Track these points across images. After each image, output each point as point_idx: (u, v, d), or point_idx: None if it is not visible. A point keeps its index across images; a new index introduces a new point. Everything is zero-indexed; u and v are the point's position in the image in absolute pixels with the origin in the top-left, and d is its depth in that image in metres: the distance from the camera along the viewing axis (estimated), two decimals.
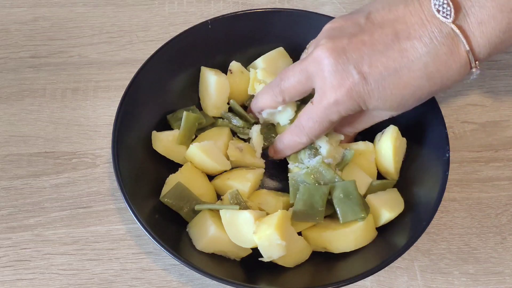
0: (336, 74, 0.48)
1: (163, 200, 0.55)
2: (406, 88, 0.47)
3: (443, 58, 0.46)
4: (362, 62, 0.47)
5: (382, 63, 0.47)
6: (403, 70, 0.46)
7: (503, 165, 0.63)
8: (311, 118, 0.52)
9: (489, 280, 0.56)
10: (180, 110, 0.61)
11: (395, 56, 0.46)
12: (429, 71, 0.46)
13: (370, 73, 0.47)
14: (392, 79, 0.47)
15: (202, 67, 0.63)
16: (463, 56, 0.46)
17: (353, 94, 0.48)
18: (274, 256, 0.51)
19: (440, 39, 0.45)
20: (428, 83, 0.47)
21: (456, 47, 0.45)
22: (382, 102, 0.49)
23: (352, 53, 0.47)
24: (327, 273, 0.53)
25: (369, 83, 0.47)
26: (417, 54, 0.46)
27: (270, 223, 0.50)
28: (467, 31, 0.45)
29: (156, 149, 0.58)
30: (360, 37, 0.48)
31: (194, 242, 0.54)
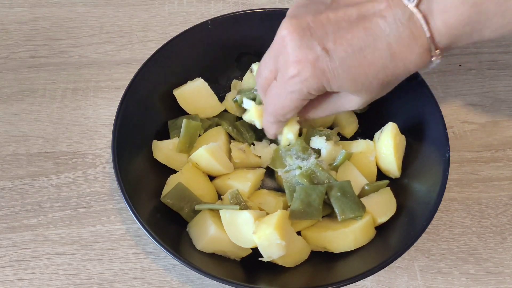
0: (299, 49, 0.47)
1: (164, 201, 0.55)
2: (370, 67, 0.47)
3: (405, 41, 0.46)
4: (327, 39, 0.46)
5: (346, 40, 0.46)
6: (368, 48, 0.46)
7: (503, 165, 0.63)
8: (275, 95, 0.51)
9: (489, 280, 0.56)
10: (181, 118, 0.61)
11: (360, 34, 0.46)
12: (392, 51, 0.46)
13: (335, 50, 0.46)
14: (356, 57, 0.46)
15: (174, 90, 0.62)
16: (424, 41, 0.46)
17: (316, 70, 0.47)
18: (274, 256, 0.51)
19: (403, 21, 0.45)
20: (391, 64, 0.46)
21: (418, 31, 0.45)
22: (346, 81, 0.48)
23: (316, 30, 0.47)
24: (327, 273, 0.53)
25: (333, 60, 0.46)
26: (381, 33, 0.46)
27: (270, 222, 0.50)
28: (429, 17, 0.45)
29: (157, 157, 0.58)
30: (325, 14, 0.47)
31: (194, 242, 0.54)
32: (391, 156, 0.56)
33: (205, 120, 0.62)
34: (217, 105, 0.63)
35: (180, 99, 0.61)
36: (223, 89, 0.66)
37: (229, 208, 0.52)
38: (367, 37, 0.46)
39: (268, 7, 0.75)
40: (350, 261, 0.53)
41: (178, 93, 0.61)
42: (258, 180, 0.59)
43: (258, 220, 0.51)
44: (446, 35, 0.46)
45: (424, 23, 0.45)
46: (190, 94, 0.62)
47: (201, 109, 0.62)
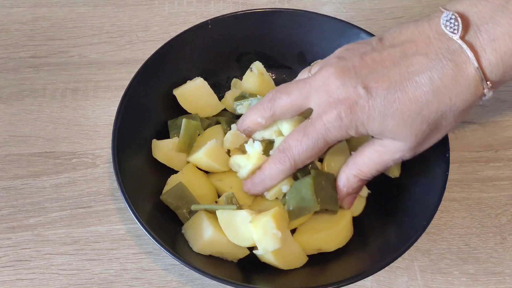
0: (342, 88, 0.47)
1: (163, 198, 0.55)
2: (411, 103, 0.45)
3: (449, 74, 0.44)
4: (370, 78, 0.46)
5: (388, 78, 0.46)
6: (409, 84, 0.45)
7: (503, 165, 0.63)
8: (306, 135, 0.49)
9: (489, 280, 0.56)
10: (181, 118, 0.60)
11: (402, 71, 0.45)
12: (436, 86, 0.44)
13: (376, 88, 0.46)
14: (397, 93, 0.45)
15: (174, 90, 0.62)
16: (471, 73, 0.44)
17: (356, 108, 0.46)
18: (269, 248, 0.50)
19: (446, 55, 0.44)
20: (435, 99, 0.45)
21: (464, 64, 0.44)
22: (386, 119, 0.46)
23: (360, 70, 0.47)
24: (327, 273, 0.53)
25: (373, 97, 0.46)
26: (423, 69, 0.45)
27: (267, 213, 0.50)
28: (477, 47, 0.44)
29: (156, 157, 0.58)
30: (370, 55, 0.47)
31: (190, 244, 0.53)
32: None
33: (204, 120, 0.62)
34: (217, 104, 0.63)
35: (180, 98, 0.61)
36: (223, 89, 0.66)
37: (226, 208, 0.52)
38: (409, 74, 0.45)
39: (268, 7, 0.75)
40: (349, 261, 0.53)
41: (178, 93, 0.61)
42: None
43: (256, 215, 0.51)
44: (498, 64, 0.44)
45: (470, 54, 0.44)
46: (190, 94, 0.62)
47: (201, 108, 0.62)
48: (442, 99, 0.45)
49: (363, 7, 0.76)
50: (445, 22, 0.45)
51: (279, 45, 0.65)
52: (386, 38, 0.48)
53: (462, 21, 0.44)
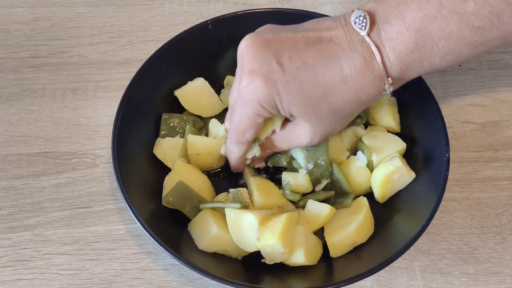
0: (255, 60, 0.48)
1: (166, 201, 0.55)
2: (319, 86, 0.47)
3: (358, 66, 0.47)
4: (283, 54, 0.48)
5: (301, 58, 0.47)
6: (320, 68, 0.47)
7: (503, 165, 0.63)
8: (234, 111, 0.52)
9: (489, 280, 0.56)
10: (176, 116, 0.60)
11: (315, 54, 0.47)
12: (344, 75, 0.47)
13: (288, 65, 0.47)
14: (308, 74, 0.47)
15: (175, 91, 0.62)
16: (376, 68, 0.47)
17: (269, 81, 0.47)
18: (276, 260, 0.52)
19: (357, 48, 0.47)
20: (342, 87, 0.48)
21: (371, 58, 0.47)
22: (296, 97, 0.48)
23: (273, 45, 0.48)
24: (327, 273, 0.53)
25: (286, 74, 0.47)
26: (335, 57, 0.47)
27: (274, 231, 0.50)
28: (379, 45, 0.47)
29: (155, 153, 0.59)
30: (284, 33, 0.49)
31: (195, 241, 0.54)
32: (377, 186, 0.56)
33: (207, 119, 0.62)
34: (218, 104, 0.63)
35: (182, 99, 0.61)
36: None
37: (231, 206, 0.52)
38: (321, 58, 0.47)
39: (268, 7, 0.75)
40: (350, 261, 0.53)
41: (179, 93, 0.61)
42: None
43: (263, 224, 0.51)
44: (396, 62, 0.47)
45: (375, 49, 0.47)
46: (191, 94, 0.62)
47: (203, 108, 0.62)
48: (348, 88, 0.48)
49: None
50: (355, 19, 0.48)
51: None
52: (304, 25, 0.50)
53: (369, 19, 0.47)
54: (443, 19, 0.45)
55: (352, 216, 0.54)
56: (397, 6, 0.47)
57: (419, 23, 0.46)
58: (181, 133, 0.60)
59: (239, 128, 0.52)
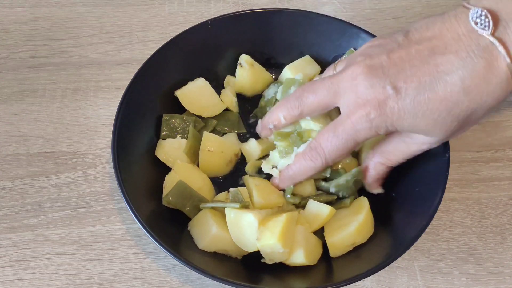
0: (371, 89, 0.46)
1: (167, 200, 0.55)
2: (442, 103, 0.45)
3: (480, 72, 0.43)
4: (399, 77, 0.45)
5: (417, 77, 0.45)
6: (439, 84, 0.44)
7: (503, 165, 0.63)
8: (336, 135, 0.49)
9: (489, 280, 0.56)
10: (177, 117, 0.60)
11: (431, 70, 0.45)
12: (466, 85, 0.44)
13: (405, 88, 0.45)
14: (427, 93, 0.45)
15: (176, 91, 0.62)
16: (503, 70, 0.43)
17: (385, 108, 0.46)
18: (276, 260, 0.52)
19: (477, 52, 0.44)
20: (466, 98, 0.44)
21: (495, 60, 0.43)
22: (416, 119, 0.46)
23: (389, 69, 0.46)
24: (327, 273, 0.53)
25: (403, 98, 0.45)
26: (453, 68, 0.44)
27: (274, 231, 0.50)
28: (508, 43, 0.43)
29: (157, 155, 0.59)
30: (397, 53, 0.46)
31: (195, 241, 0.54)
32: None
33: (208, 120, 0.62)
34: (219, 104, 0.63)
35: (183, 99, 0.61)
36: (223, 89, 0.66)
37: (230, 206, 0.52)
38: (438, 73, 0.44)
39: (268, 7, 0.75)
40: (350, 261, 0.53)
41: (180, 94, 0.61)
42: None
43: (262, 224, 0.51)
44: None
45: (502, 50, 0.43)
46: (192, 94, 0.62)
47: (204, 109, 0.62)
48: (473, 97, 0.44)
49: (363, 7, 0.76)
50: (475, 19, 0.44)
51: (279, 45, 0.65)
52: (412, 34, 0.47)
53: (492, 17, 0.43)
54: None
55: (353, 216, 0.54)
56: None
57: None
58: (182, 133, 0.60)
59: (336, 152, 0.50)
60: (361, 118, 0.47)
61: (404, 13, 0.76)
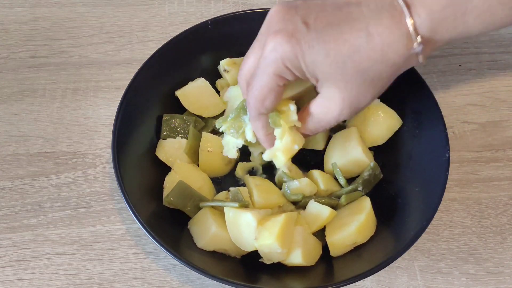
0: (281, 22, 0.48)
1: (168, 201, 0.55)
2: (345, 44, 0.46)
3: (384, 23, 0.46)
4: (310, 16, 0.47)
5: (327, 19, 0.47)
6: (345, 26, 0.46)
7: (503, 165, 0.63)
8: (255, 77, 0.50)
9: (489, 280, 0.56)
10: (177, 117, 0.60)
11: (341, 15, 0.47)
12: (370, 31, 0.46)
13: (314, 24, 0.47)
14: (333, 32, 0.46)
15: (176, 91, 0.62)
16: (404, 24, 0.45)
17: (293, 39, 0.47)
18: (274, 260, 0.52)
19: (385, 6, 0.46)
20: (368, 45, 0.46)
21: (399, 15, 0.45)
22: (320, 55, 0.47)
23: (302, 9, 0.48)
24: (327, 273, 0.53)
25: (310, 32, 0.47)
26: (361, 16, 0.46)
27: (272, 231, 0.50)
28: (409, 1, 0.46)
29: (158, 155, 0.59)
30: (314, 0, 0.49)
31: (195, 240, 0.54)
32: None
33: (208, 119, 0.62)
34: (219, 104, 0.63)
35: (183, 99, 0.61)
36: None
37: (229, 205, 0.52)
38: (347, 18, 0.46)
39: (268, 7, 0.75)
40: (350, 261, 0.53)
41: (180, 94, 0.61)
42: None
43: (261, 224, 0.51)
44: (426, 18, 0.45)
45: (404, 6, 0.45)
46: (192, 94, 0.62)
47: (204, 108, 0.62)
48: (374, 46, 0.46)
49: None
50: None
51: None
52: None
53: None
54: None
55: (354, 216, 0.54)
56: None
57: None
58: (182, 133, 0.60)
59: (259, 95, 0.50)
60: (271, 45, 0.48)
61: None
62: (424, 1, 0.45)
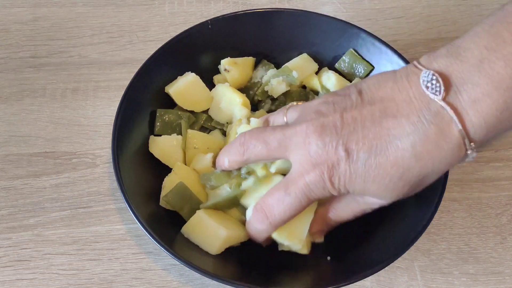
0: (324, 149, 0.45)
1: (165, 200, 0.55)
2: (392, 168, 0.44)
3: (432, 138, 0.42)
4: (351, 139, 0.44)
5: (368, 140, 0.44)
6: (390, 148, 0.43)
7: (503, 165, 0.63)
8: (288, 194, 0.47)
9: (489, 280, 0.56)
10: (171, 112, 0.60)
11: (382, 133, 0.43)
12: (418, 151, 0.43)
13: (357, 150, 0.44)
14: (378, 158, 0.44)
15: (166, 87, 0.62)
16: (455, 136, 0.42)
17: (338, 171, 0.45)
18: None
19: (428, 117, 0.42)
20: (417, 164, 0.43)
21: (447, 126, 0.42)
22: (367, 183, 0.45)
23: (341, 129, 0.45)
24: (327, 273, 0.53)
25: (354, 161, 0.44)
26: (404, 133, 0.43)
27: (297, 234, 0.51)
28: (459, 109, 0.42)
29: (152, 151, 0.58)
30: (350, 113, 0.45)
31: (204, 248, 0.53)
32: None
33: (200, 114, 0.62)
34: (209, 98, 0.63)
35: (176, 95, 0.61)
36: None
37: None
38: (389, 137, 0.43)
39: (268, 7, 0.75)
40: (350, 261, 0.53)
41: (173, 92, 0.61)
42: None
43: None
44: (481, 125, 0.42)
45: (454, 116, 0.42)
46: (184, 90, 0.61)
47: (196, 103, 0.62)
48: (424, 163, 0.43)
49: (363, 7, 0.76)
50: (426, 83, 0.42)
51: (279, 45, 0.65)
52: (365, 92, 0.46)
53: (443, 82, 0.42)
54: None
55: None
56: (480, 63, 0.41)
57: (508, 81, 0.40)
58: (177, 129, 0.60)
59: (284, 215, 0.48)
60: (314, 178, 0.46)
61: (404, 13, 0.76)
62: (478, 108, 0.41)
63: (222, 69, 0.63)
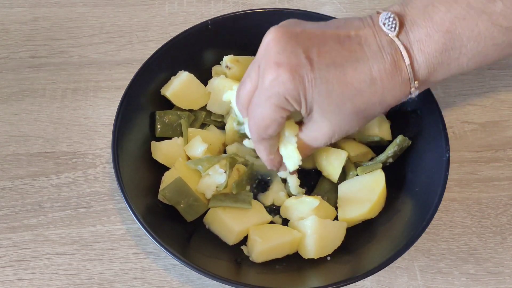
0: (283, 53, 0.46)
1: (163, 194, 0.55)
2: (347, 86, 0.46)
3: (387, 67, 0.46)
4: (312, 50, 0.46)
5: (330, 55, 0.46)
6: (349, 68, 0.46)
7: (503, 165, 0.63)
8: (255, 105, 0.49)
9: (489, 280, 0.56)
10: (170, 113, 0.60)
11: (344, 53, 0.47)
12: (373, 76, 0.46)
13: (318, 61, 0.46)
14: (336, 73, 0.46)
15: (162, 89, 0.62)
16: (404, 70, 0.47)
17: (296, 75, 0.46)
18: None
19: (387, 49, 0.47)
20: (369, 89, 0.47)
21: (399, 60, 0.46)
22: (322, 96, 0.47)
23: (303, 40, 0.47)
24: (327, 273, 0.53)
25: (314, 70, 0.46)
26: (365, 57, 0.46)
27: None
28: (408, 47, 0.46)
29: (156, 158, 0.58)
30: (314, 30, 0.48)
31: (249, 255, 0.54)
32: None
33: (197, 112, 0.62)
34: (206, 94, 0.63)
35: (174, 98, 0.61)
36: None
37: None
38: (351, 57, 0.47)
39: (268, 7, 0.75)
40: (350, 261, 0.53)
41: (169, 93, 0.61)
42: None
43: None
44: (424, 64, 0.47)
45: (404, 52, 0.46)
46: (180, 90, 0.61)
47: (193, 102, 0.62)
48: (376, 90, 0.47)
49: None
50: (384, 20, 0.47)
51: None
52: (330, 22, 0.50)
53: (398, 20, 0.47)
54: (471, 19, 0.45)
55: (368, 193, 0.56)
56: (425, 8, 0.46)
57: (448, 24, 0.45)
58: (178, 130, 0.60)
59: (262, 123, 0.50)
60: (272, 81, 0.47)
61: None
62: (421, 47, 0.46)
63: (224, 65, 0.63)
